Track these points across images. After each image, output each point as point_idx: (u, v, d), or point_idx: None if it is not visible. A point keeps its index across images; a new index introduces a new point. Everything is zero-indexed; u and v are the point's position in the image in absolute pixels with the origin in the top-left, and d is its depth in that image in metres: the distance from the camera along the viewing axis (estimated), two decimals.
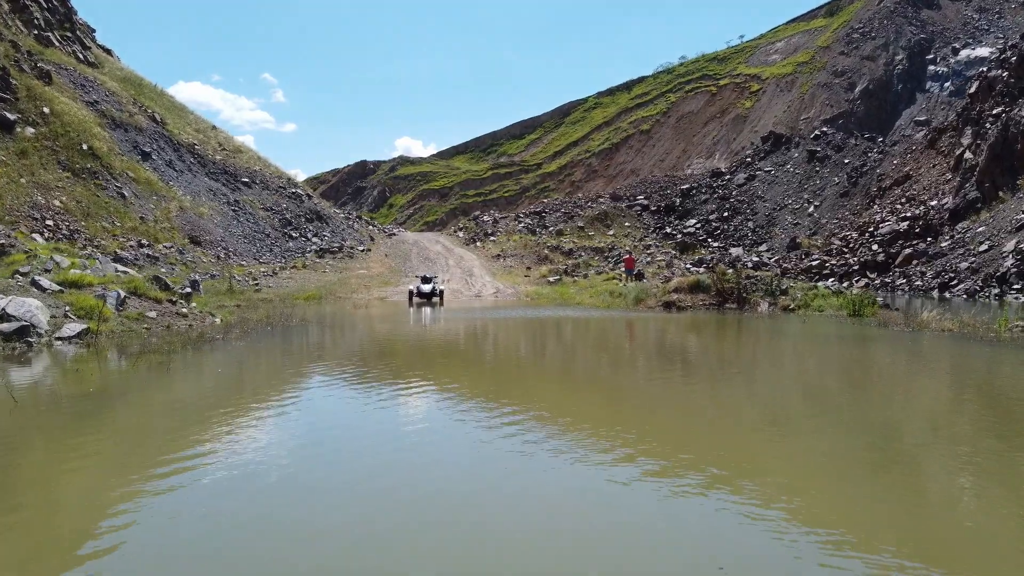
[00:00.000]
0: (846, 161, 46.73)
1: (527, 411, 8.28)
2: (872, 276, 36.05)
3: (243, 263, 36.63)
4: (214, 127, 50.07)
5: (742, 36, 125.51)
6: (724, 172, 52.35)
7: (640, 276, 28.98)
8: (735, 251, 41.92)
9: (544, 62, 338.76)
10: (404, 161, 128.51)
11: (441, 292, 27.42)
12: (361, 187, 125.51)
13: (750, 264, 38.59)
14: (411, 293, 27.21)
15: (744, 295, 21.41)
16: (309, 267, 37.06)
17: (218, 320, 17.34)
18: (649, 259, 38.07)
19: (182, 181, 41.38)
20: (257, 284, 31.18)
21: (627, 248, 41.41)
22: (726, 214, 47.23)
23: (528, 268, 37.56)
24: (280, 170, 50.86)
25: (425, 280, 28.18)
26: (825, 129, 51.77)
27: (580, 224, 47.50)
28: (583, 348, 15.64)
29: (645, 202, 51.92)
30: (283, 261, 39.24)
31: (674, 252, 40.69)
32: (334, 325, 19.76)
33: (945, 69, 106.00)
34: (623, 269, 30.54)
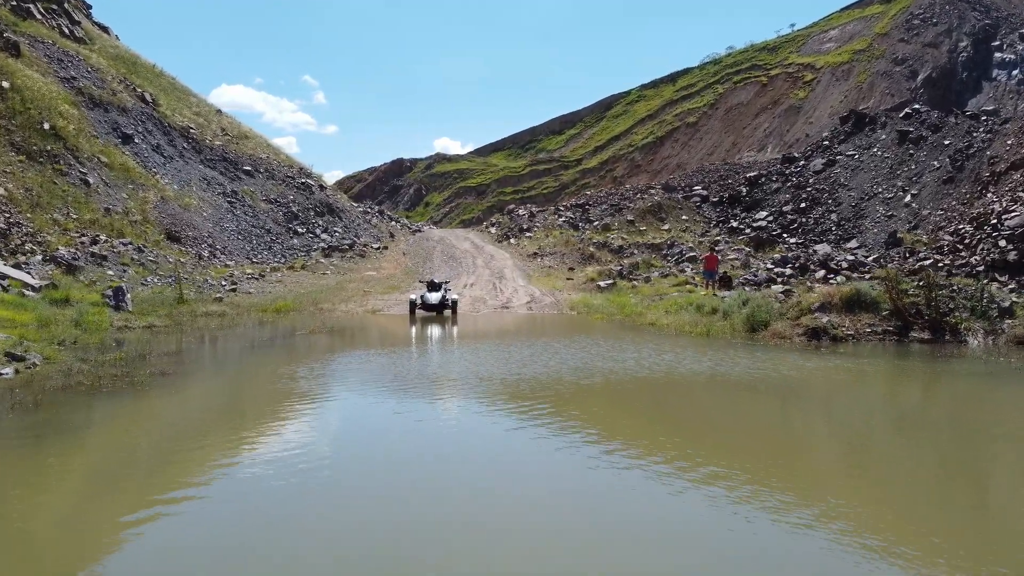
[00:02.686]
0: (946, 143, 38.32)
1: None
2: (1003, 279, 27.81)
3: (230, 263, 29.66)
4: (219, 111, 43.33)
5: (793, 25, 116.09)
6: (797, 157, 44.19)
7: (728, 281, 21.36)
8: (821, 248, 33.76)
9: (585, 57, 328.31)
10: (441, 159, 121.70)
11: (454, 303, 20.14)
12: (397, 185, 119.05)
13: (845, 264, 30.56)
14: (412, 305, 19.96)
15: (941, 317, 13.75)
16: (309, 267, 30.02)
17: (8, 373, 10.08)
18: (720, 258, 30.28)
19: (170, 168, 34.64)
20: (234, 289, 24.17)
21: (704, 244, 33.57)
22: (803, 205, 39.15)
23: (571, 269, 30.09)
24: (292, 159, 43.96)
25: (432, 287, 20.74)
26: (918, 106, 43.40)
27: (629, 218, 39.78)
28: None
29: (704, 192, 43.90)
30: (283, 260, 32.28)
31: (748, 249, 32.77)
32: (236, 380, 12.00)
33: (1013, 56, 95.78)
34: (702, 271, 22.90)
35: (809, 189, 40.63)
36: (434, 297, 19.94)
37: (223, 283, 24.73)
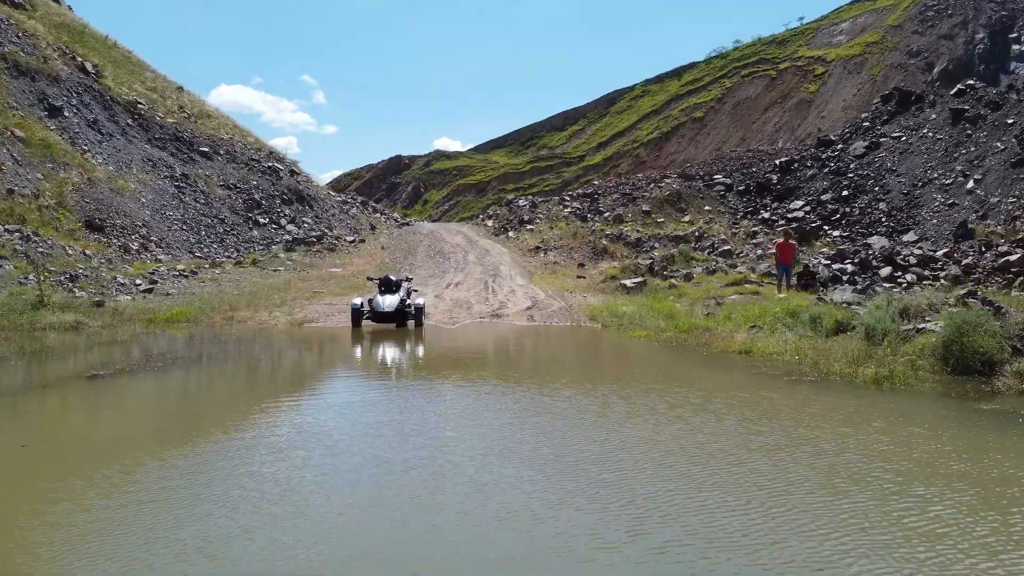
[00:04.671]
0: (1009, 121, 32.36)
1: None
2: None
3: (163, 257, 23.69)
4: (180, 87, 37.27)
5: (802, 18, 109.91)
6: (834, 140, 38.20)
7: (810, 278, 15.43)
8: (877, 242, 27.74)
9: (587, 53, 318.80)
10: (440, 155, 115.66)
11: (418, 309, 14.09)
12: (395, 183, 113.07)
13: (912, 259, 24.60)
14: (356, 312, 13.87)
15: None
16: (262, 263, 24.07)
17: None
18: (760, 253, 24.39)
19: (108, 147, 28.62)
20: (150, 289, 18.18)
21: (738, 236, 27.52)
22: (846, 193, 33.24)
23: (580, 266, 24.16)
24: (262, 142, 37.89)
25: (387, 286, 14.35)
26: (972, 82, 37.40)
27: (645, 208, 33.77)
28: None
29: (727, 181, 37.90)
30: (236, 254, 26.30)
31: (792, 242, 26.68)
32: None
33: None
34: (776, 262, 17.08)
35: (851, 175, 34.54)
36: (388, 302, 13.74)
37: (137, 282, 18.77)
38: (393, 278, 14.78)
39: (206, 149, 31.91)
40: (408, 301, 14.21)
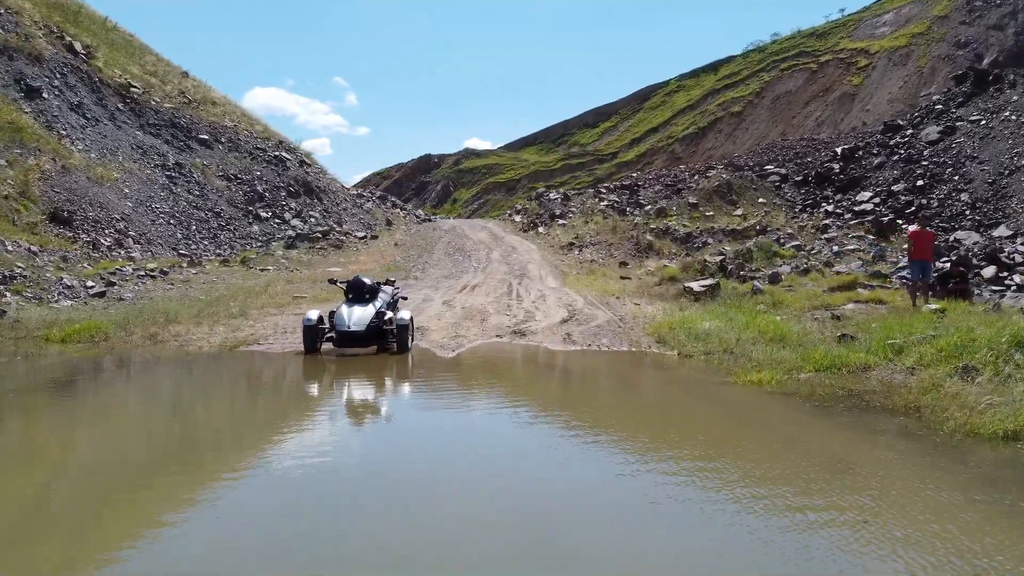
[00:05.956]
0: None
1: None
2: None
3: (137, 255, 20.21)
4: (186, 73, 33.95)
5: (843, 9, 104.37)
6: (903, 125, 33.70)
7: (961, 281, 11.36)
8: (966, 237, 23.44)
9: (618, 50, 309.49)
10: (470, 154, 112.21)
11: (400, 326, 9.76)
12: (425, 182, 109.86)
13: (1018, 257, 20.31)
14: (311, 331, 9.61)
15: None
16: (252, 261, 20.54)
17: None
18: (837, 250, 20.22)
19: (92, 132, 25.28)
20: (103, 293, 14.67)
21: (807, 230, 23.28)
22: (920, 183, 28.84)
23: (623, 264, 20.17)
24: (272, 131, 34.46)
25: (356, 293, 10.00)
26: None
27: (692, 200, 29.63)
28: None
29: (781, 171, 33.58)
30: (230, 251, 22.81)
31: (871, 237, 22.50)
32: None
33: None
34: (910, 260, 12.50)
35: (925, 163, 30.00)
36: (355, 317, 9.48)
37: (89, 285, 15.26)
38: (367, 281, 10.17)
39: (205, 137, 28.49)
40: (389, 315, 9.90)
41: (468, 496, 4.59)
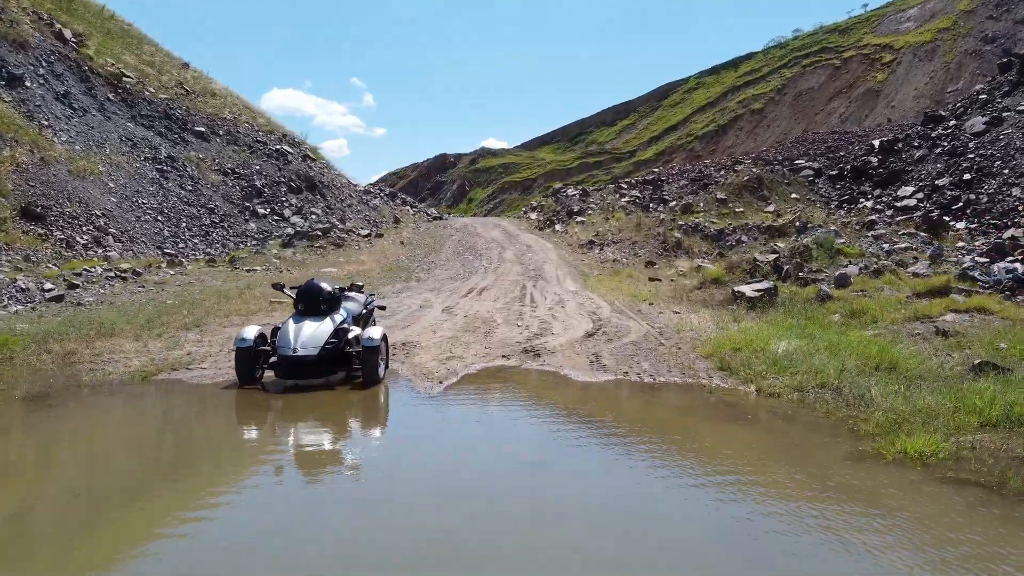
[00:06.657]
0: None
1: None
2: None
3: (114, 254, 18.37)
4: (186, 64, 32.20)
5: (866, 5, 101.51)
6: (945, 116, 31.32)
7: None
8: (1021, 235, 21.08)
9: (637, 48, 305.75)
10: (486, 153, 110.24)
11: (367, 348, 6.97)
12: (440, 182, 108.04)
13: None
14: (242, 356, 6.87)
15: None
16: (241, 261, 18.65)
17: None
18: (887, 248, 18.00)
19: (79, 123, 23.52)
20: (60, 297, 12.80)
21: (851, 226, 21.07)
22: (967, 177, 26.54)
23: (650, 264, 18.07)
24: (276, 124, 32.64)
25: (309, 303, 7.18)
26: None
27: (720, 196, 27.44)
28: None
29: (814, 165, 31.30)
30: (222, 250, 20.96)
31: (923, 236, 20.20)
32: None
33: None
34: None
35: (971, 156, 27.59)
36: (304, 335, 6.94)
37: (48, 287, 13.39)
38: (326, 287, 7.43)
39: (202, 129, 26.69)
40: (355, 332, 7.38)
41: None
